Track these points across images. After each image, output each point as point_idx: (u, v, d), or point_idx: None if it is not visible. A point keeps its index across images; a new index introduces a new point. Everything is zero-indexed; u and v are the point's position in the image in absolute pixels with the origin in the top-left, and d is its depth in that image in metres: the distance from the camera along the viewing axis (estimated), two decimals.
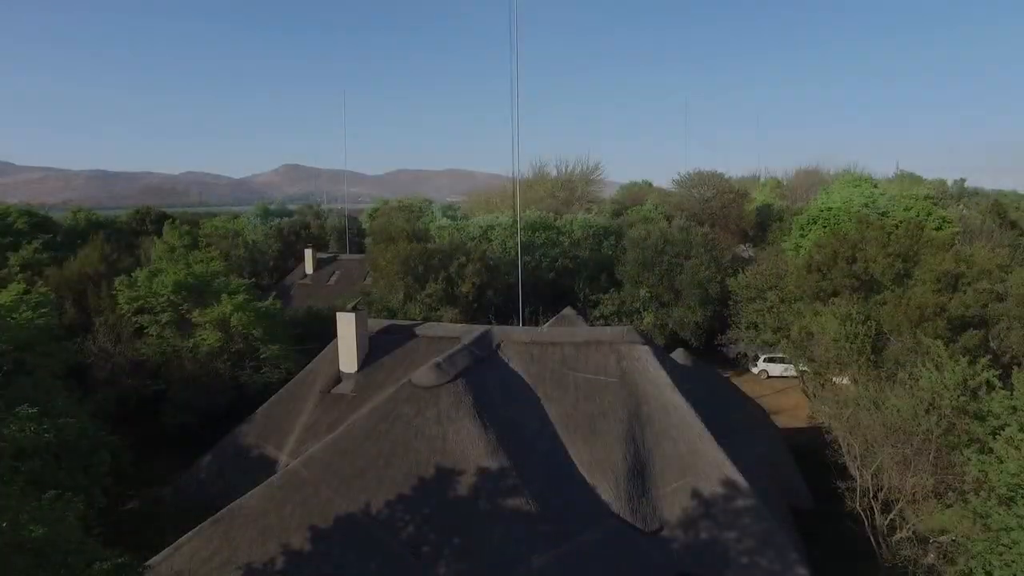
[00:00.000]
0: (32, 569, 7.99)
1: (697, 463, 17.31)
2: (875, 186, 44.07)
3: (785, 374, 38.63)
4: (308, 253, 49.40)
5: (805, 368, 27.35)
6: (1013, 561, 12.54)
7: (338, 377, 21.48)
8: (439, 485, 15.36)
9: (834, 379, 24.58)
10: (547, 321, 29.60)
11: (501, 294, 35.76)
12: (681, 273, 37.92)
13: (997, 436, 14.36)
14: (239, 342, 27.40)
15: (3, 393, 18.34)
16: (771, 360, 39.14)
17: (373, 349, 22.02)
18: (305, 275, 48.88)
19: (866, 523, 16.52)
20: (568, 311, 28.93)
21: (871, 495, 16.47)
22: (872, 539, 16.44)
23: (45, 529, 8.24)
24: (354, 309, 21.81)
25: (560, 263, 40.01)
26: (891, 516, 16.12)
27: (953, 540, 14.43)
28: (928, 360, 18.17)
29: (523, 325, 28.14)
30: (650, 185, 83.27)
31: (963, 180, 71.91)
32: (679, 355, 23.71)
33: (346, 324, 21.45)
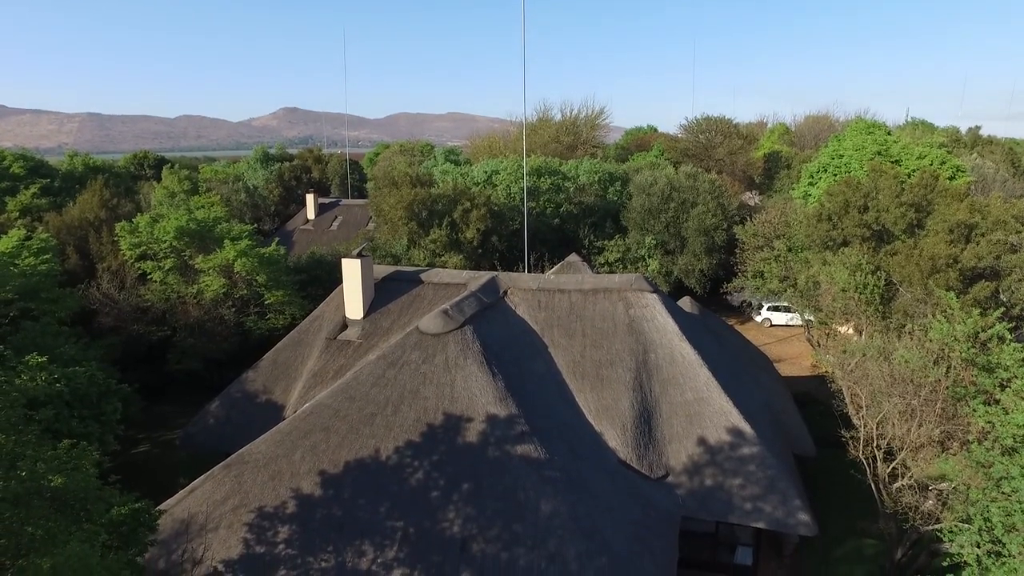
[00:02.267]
0: (52, 515, 8.08)
1: (703, 411, 17.46)
2: (889, 133, 42.91)
3: (789, 323, 38.77)
4: (310, 198, 48.83)
5: (811, 318, 27.31)
6: (1012, 508, 12.70)
7: (344, 323, 21.46)
8: (447, 432, 15.49)
9: (840, 329, 24.58)
10: (552, 267, 29.46)
11: (506, 240, 35.46)
12: (687, 220, 37.49)
13: (1006, 388, 14.35)
14: (243, 288, 27.33)
15: (11, 340, 18.37)
16: (775, 309, 39.20)
17: (379, 295, 21.95)
18: (307, 220, 48.48)
19: (868, 471, 16.72)
20: (573, 258, 28.78)
21: (874, 444, 16.62)
22: (873, 487, 16.68)
23: (63, 479, 8.30)
24: (360, 255, 21.61)
25: (565, 209, 39.46)
26: (893, 465, 16.30)
27: (953, 487, 14.61)
28: (938, 311, 18.03)
29: (528, 271, 27.98)
30: (655, 131, 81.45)
31: (978, 128, 69.94)
32: (686, 303, 23.61)
33: (352, 270, 21.31)
